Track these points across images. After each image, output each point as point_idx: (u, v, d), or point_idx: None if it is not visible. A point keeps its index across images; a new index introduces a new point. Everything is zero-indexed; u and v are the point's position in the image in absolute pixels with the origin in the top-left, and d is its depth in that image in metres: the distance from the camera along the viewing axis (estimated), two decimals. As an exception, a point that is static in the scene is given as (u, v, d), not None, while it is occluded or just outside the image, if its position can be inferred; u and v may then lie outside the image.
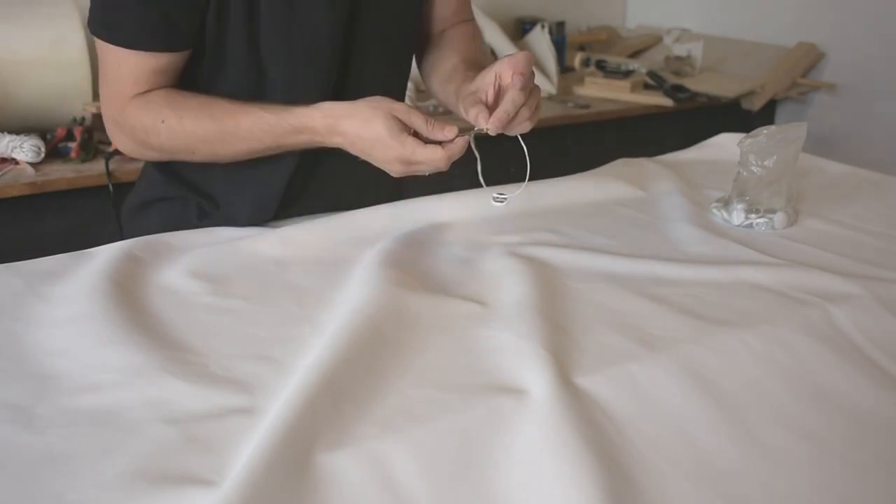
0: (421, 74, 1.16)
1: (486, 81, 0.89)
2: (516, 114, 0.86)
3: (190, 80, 0.96)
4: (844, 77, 2.58)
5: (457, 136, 0.85)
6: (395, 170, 0.87)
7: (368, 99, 0.88)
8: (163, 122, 0.91)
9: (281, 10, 0.93)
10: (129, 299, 0.80)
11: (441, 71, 1.07)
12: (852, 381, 0.72)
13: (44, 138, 1.72)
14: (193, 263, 0.88)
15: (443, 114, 2.12)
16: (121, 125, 0.95)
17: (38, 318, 0.77)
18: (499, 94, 0.88)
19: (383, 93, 0.90)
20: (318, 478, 0.56)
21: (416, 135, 0.86)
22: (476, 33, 1.17)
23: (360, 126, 0.86)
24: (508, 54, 0.89)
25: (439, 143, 0.85)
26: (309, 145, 0.92)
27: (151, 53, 0.91)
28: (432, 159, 0.84)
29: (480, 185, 0.91)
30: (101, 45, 0.93)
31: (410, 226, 0.97)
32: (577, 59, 2.72)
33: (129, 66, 0.92)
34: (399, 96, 1.09)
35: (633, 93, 2.46)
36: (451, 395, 0.66)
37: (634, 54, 2.97)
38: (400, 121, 0.85)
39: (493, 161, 0.91)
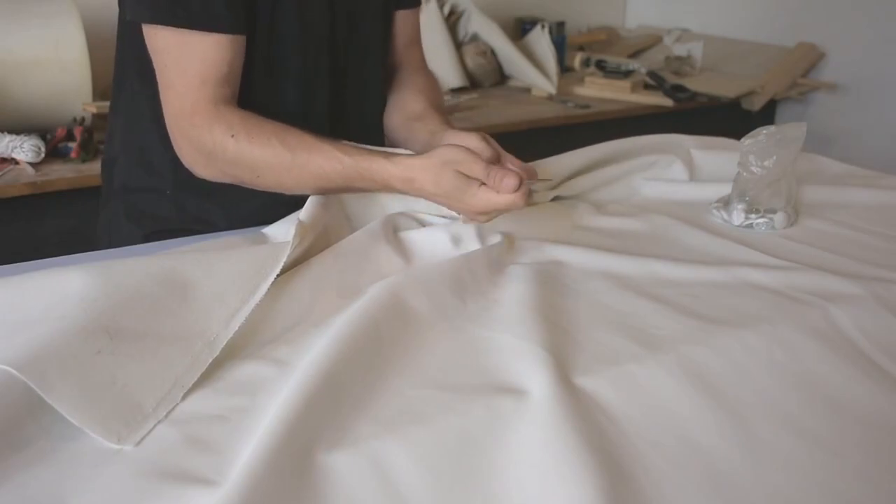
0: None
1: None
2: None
3: None
4: (844, 77, 2.58)
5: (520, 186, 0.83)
6: (479, 220, 0.89)
7: (440, 150, 0.86)
8: (232, 136, 0.88)
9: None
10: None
11: (408, 111, 1.08)
12: (852, 380, 0.72)
13: (44, 138, 1.72)
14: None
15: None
16: (187, 133, 0.91)
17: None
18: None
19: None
20: (318, 478, 0.56)
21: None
22: (437, 85, 1.18)
23: (433, 185, 0.85)
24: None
25: None
26: (376, 191, 0.92)
27: (225, 36, 0.89)
28: (510, 202, 0.84)
29: None
30: (161, 35, 0.89)
31: (409, 226, 0.96)
32: (577, 60, 2.73)
33: (205, 52, 0.88)
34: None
35: (633, 93, 2.47)
36: (451, 395, 0.66)
37: (634, 54, 2.97)
38: (465, 175, 0.84)
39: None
